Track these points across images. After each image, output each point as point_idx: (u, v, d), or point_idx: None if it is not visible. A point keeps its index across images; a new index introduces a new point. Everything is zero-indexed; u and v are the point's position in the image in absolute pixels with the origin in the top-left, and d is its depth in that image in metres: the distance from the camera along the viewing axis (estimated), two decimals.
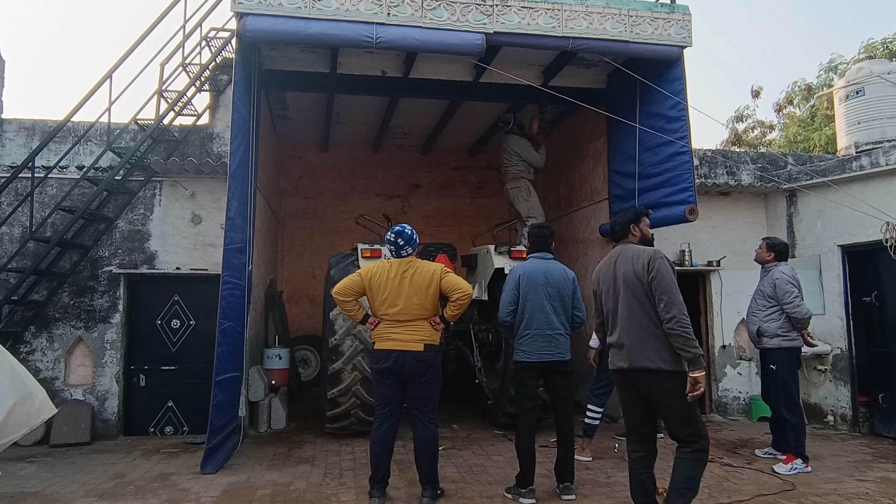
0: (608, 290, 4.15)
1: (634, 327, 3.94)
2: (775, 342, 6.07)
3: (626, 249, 4.16)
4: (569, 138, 9.94)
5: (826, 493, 5.21)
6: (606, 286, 4.16)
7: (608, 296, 4.15)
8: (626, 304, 3.99)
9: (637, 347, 3.92)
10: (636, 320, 3.94)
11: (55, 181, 7.37)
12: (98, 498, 5.07)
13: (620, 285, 4.04)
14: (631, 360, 3.96)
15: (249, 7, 6.06)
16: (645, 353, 3.89)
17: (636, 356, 3.93)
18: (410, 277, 4.76)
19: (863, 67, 8.88)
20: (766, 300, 6.20)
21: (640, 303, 3.94)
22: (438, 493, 4.94)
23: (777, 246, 6.40)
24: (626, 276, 4.00)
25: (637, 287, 3.94)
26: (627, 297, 3.99)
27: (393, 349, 4.73)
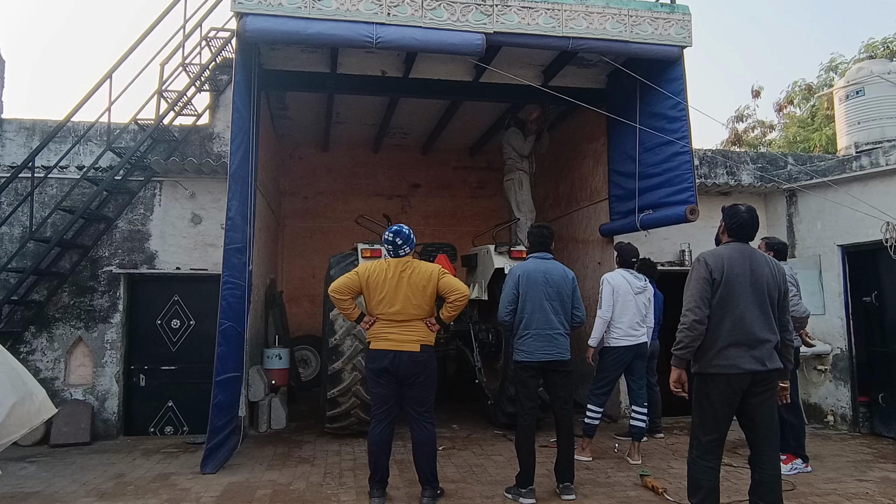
0: (742, 286, 3.93)
1: (769, 331, 3.95)
2: None
3: (757, 253, 4.10)
4: (569, 138, 9.94)
5: (826, 493, 5.21)
6: (740, 282, 3.93)
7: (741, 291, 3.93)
8: (762, 307, 3.95)
9: (773, 350, 3.96)
10: (772, 326, 3.97)
11: (55, 181, 7.37)
12: (98, 498, 5.07)
13: (761, 288, 3.96)
14: (766, 361, 3.91)
15: (249, 7, 6.06)
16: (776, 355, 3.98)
17: (774, 359, 3.95)
18: (408, 277, 4.76)
19: (863, 67, 8.88)
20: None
21: (772, 309, 3.99)
22: (438, 493, 4.94)
23: (776, 245, 6.39)
24: (768, 282, 3.98)
25: (773, 295, 4.00)
26: (764, 302, 3.96)
27: (389, 349, 4.74)
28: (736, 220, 4.10)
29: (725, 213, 4.21)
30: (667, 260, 8.40)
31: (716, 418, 3.95)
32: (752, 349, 3.87)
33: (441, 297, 4.83)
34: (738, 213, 4.12)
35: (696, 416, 4.04)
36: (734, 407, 3.95)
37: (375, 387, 4.88)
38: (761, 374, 3.88)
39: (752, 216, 4.10)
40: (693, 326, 3.91)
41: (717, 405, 3.93)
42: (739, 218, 4.10)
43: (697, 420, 4.03)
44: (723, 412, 3.95)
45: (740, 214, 4.10)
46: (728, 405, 3.94)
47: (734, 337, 3.88)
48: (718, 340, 3.90)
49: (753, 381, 3.89)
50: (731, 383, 3.89)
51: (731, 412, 3.97)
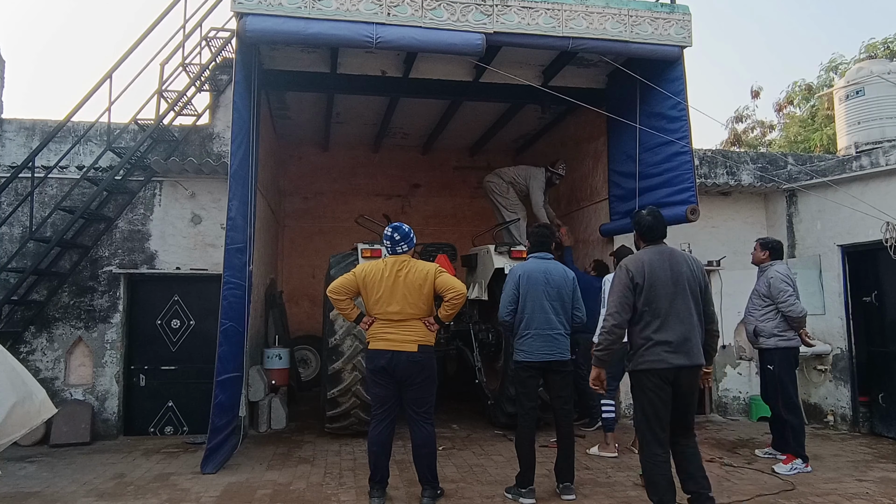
0: (665, 287, 4.12)
1: (697, 328, 4.17)
2: (772, 342, 6.07)
3: (675, 251, 4.33)
4: (569, 138, 9.94)
5: (826, 493, 5.21)
6: (662, 283, 4.13)
7: (664, 292, 4.12)
8: (685, 304, 4.14)
9: (696, 345, 4.15)
10: (696, 322, 4.17)
11: (55, 181, 7.37)
12: (98, 498, 5.07)
13: (684, 285, 4.16)
14: (691, 357, 4.11)
15: (249, 7, 6.06)
16: (699, 350, 4.17)
17: (696, 353, 4.14)
18: (405, 277, 4.75)
19: (863, 67, 8.88)
20: (761, 300, 6.20)
21: (696, 305, 4.20)
22: (438, 493, 4.94)
23: (771, 244, 6.42)
24: (689, 278, 4.19)
25: (696, 290, 4.20)
26: (686, 297, 4.16)
27: (387, 349, 4.73)
28: (643, 225, 4.38)
29: (633, 221, 4.52)
30: None
31: (655, 412, 4.13)
32: (679, 345, 4.08)
33: (439, 296, 4.83)
34: (642, 218, 4.40)
35: (639, 413, 4.23)
36: (668, 399, 4.12)
37: (375, 387, 4.88)
38: (687, 368, 4.11)
39: (655, 217, 4.37)
40: (612, 331, 4.16)
41: (653, 399, 4.12)
42: (645, 222, 4.37)
43: (640, 416, 4.21)
44: (660, 405, 4.12)
45: (644, 218, 4.39)
46: (662, 398, 4.12)
47: (661, 335, 4.09)
48: (648, 339, 4.12)
49: (681, 374, 4.10)
50: (662, 377, 4.10)
51: (667, 404, 4.13)
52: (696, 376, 4.20)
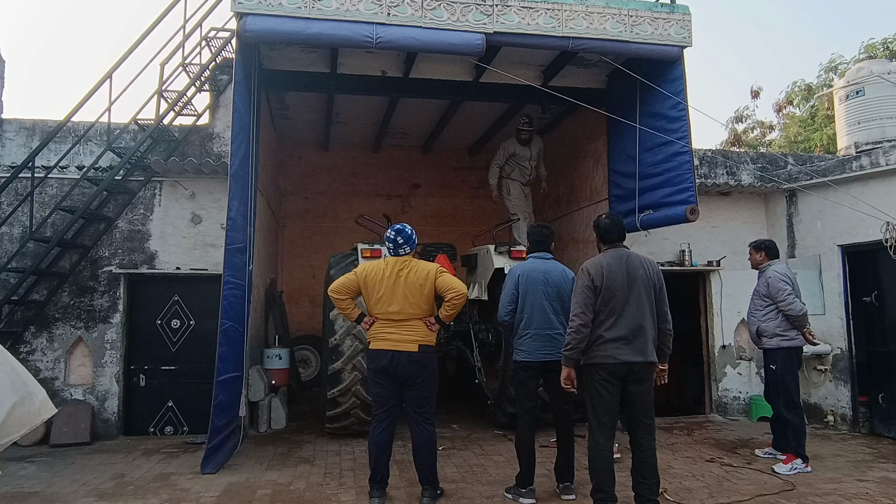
0: (621, 288, 4.37)
1: (649, 326, 4.40)
2: (774, 342, 6.07)
3: (632, 254, 4.56)
4: (569, 138, 9.94)
5: (826, 493, 5.21)
6: (618, 285, 4.38)
7: (619, 293, 4.37)
8: (639, 304, 4.38)
9: (649, 343, 4.39)
10: (649, 320, 4.41)
11: (55, 181, 7.37)
12: (98, 498, 5.07)
13: (639, 286, 4.40)
14: (644, 354, 4.36)
15: (249, 7, 6.06)
16: (652, 348, 4.42)
17: (648, 351, 4.38)
18: (405, 277, 4.75)
19: (863, 67, 8.88)
20: (762, 300, 6.21)
21: (650, 305, 4.43)
22: (438, 493, 4.94)
23: (764, 245, 6.46)
24: (643, 279, 4.43)
25: (650, 291, 4.45)
26: (641, 298, 4.40)
27: (387, 349, 4.74)
28: (601, 227, 4.65)
29: (593, 226, 4.75)
30: (667, 260, 8.40)
31: (603, 404, 4.40)
32: (630, 343, 4.33)
33: (440, 296, 4.83)
34: (600, 222, 4.67)
35: (588, 404, 4.48)
36: (616, 394, 4.39)
37: (375, 387, 4.88)
38: (638, 364, 4.35)
39: (612, 220, 4.66)
40: (579, 330, 4.38)
41: (602, 392, 4.38)
42: (602, 224, 4.65)
43: (589, 406, 4.47)
44: (609, 398, 4.39)
45: (602, 221, 4.67)
46: (610, 391, 4.38)
47: (615, 332, 4.34)
48: (602, 336, 4.37)
49: (632, 370, 4.34)
50: (612, 371, 4.35)
51: (615, 399, 4.40)
52: (649, 373, 4.43)
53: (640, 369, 4.36)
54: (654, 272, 4.51)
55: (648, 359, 4.38)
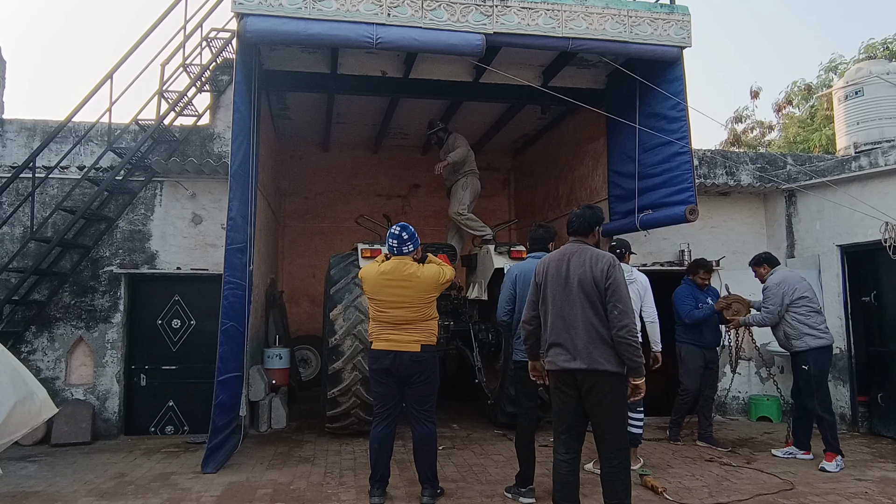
0: (557, 288, 4.06)
1: (587, 330, 3.94)
2: (804, 343, 6.12)
3: (582, 250, 4.12)
4: (568, 138, 9.95)
5: (825, 492, 5.23)
6: (555, 284, 4.08)
7: (555, 294, 4.06)
8: (579, 306, 3.97)
9: (590, 349, 3.91)
10: (589, 323, 3.94)
11: (56, 181, 7.38)
12: (99, 497, 5.08)
13: (574, 286, 4.00)
14: (584, 360, 3.91)
15: (250, 8, 6.07)
16: (597, 355, 3.91)
17: (590, 357, 3.90)
18: (408, 279, 4.77)
19: (862, 68, 8.89)
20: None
21: (592, 306, 3.96)
22: (438, 493, 4.95)
23: (762, 257, 6.64)
24: (583, 279, 3.99)
25: (592, 291, 3.96)
26: (581, 299, 3.98)
27: (390, 350, 4.76)
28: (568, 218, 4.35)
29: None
30: (666, 260, 8.42)
31: (556, 411, 4.14)
32: (567, 348, 3.96)
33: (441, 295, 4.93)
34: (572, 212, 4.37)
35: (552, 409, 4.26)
36: (568, 402, 4.03)
37: (377, 386, 4.91)
38: (582, 372, 3.92)
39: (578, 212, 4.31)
40: (523, 326, 4.34)
41: (554, 398, 4.14)
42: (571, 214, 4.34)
43: (552, 412, 4.25)
44: (560, 406, 4.09)
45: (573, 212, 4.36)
46: (561, 399, 4.07)
47: (553, 336, 4.06)
48: (546, 340, 4.13)
49: (578, 379, 3.95)
50: (559, 378, 4.07)
51: (568, 407, 4.05)
52: (600, 383, 3.90)
53: (584, 378, 3.92)
54: (600, 270, 3.94)
55: (592, 366, 3.87)
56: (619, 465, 3.93)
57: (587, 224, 4.26)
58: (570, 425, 4.08)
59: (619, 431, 3.97)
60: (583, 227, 4.24)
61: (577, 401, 4.00)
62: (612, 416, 3.94)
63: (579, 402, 4.00)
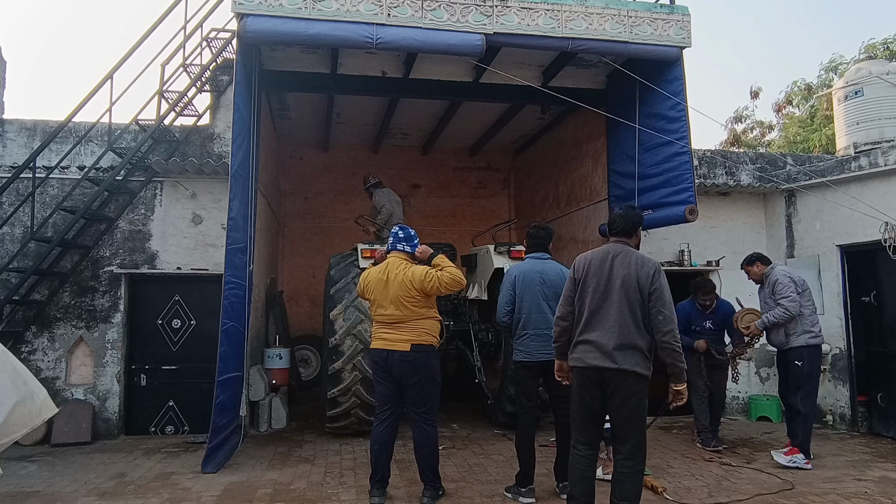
0: (597, 286, 4.05)
1: (622, 331, 3.95)
2: (803, 339, 6.11)
3: (626, 252, 4.12)
4: (568, 138, 9.96)
5: (825, 492, 5.23)
6: (597, 282, 4.06)
7: (595, 292, 4.05)
8: (617, 307, 3.98)
9: (622, 350, 3.93)
10: (624, 325, 3.95)
11: (56, 181, 7.39)
12: (99, 497, 5.09)
13: (616, 287, 4.00)
14: (615, 360, 3.92)
15: (250, 8, 6.08)
16: (628, 356, 3.93)
17: (622, 358, 3.92)
18: (395, 278, 4.80)
19: (862, 68, 8.89)
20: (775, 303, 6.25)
21: (630, 309, 3.97)
22: (439, 493, 4.96)
23: (754, 256, 6.61)
24: (626, 281, 3.99)
25: (634, 294, 3.98)
26: (620, 300, 3.99)
27: (382, 348, 4.81)
28: (610, 219, 4.37)
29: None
30: (666, 260, 8.42)
31: (577, 409, 4.12)
32: (600, 346, 3.95)
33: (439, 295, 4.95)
34: (613, 213, 4.37)
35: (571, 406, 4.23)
36: (591, 400, 4.03)
37: (378, 386, 4.96)
38: (611, 371, 3.92)
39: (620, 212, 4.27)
40: (557, 322, 4.24)
41: (576, 396, 4.12)
42: (613, 215, 4.32)
43: (571, 409, 4.22)
44: (582, 403, 4.08)
45: (614, 213, 4.35)
46: (584, 397, 4.05)
47: (585, 333, 4.04)
48: (576, 336, 4.11)
49: (605, 378, 3.95)
50: (583, 376, 4.04)
51: (589, 405, 4.05)
52: (626, 385, 3.91)
53: (612, 378, 3.92)
54: (645, 274, 3.97)
55: (622, 367, 3.89)
56: (634, 466, 3.95)
57: (631, 224, 4.24)
58: (591, 423, 4.13)
59: (638, 434, 3.99)
60: (627, 227, 4.23)
61: (601, 400, 4.02)
62: (634, 418, 3.97)
63: (602, 401, 4.02)
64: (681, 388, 3.99)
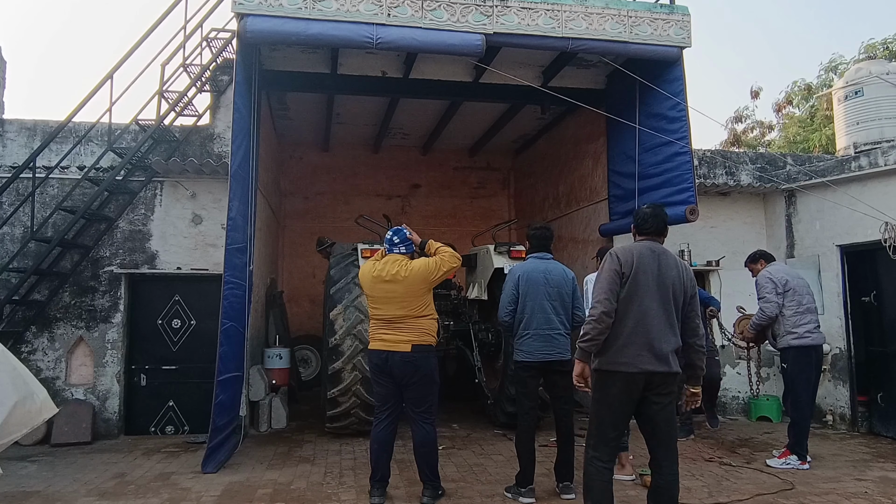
0: (648, 285, 3.85)
1: (668, 332, 3.85)
2: (785, 341, 6.08)
3: (668, 252, 4.02)
4: (568, 138, 9.96)
5: (825, 492, 5.23)
6: (647, 281, 3.86)
7: (646, 291, 3.84)
8: (664, 308, 3.86)
9: (671, 352, 3.84)
10: (669, 325, 3.86)
11: (56, 181, 7.39)
12: (99, 497, 5.08)
13: (668, 288, 3.88)
14: (667, 363, 3.81)
15: (250, 8, 6.08)
16: (673, 357, 3.86)
17: (675, 362, 3.85)
18: (395, 276, 4.80)
19: (861, 68, 8.89)
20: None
21: (675, 310, 3.90)
22: (439, 493, 4.96)
23: (757, 253, 6.62)
24: (674, 283, 3.89)
25: (678, 296, 3.90)
26: (668, 302, 3.87)
27: (382, 349, 4.79)
28: (639, 217, 4.11)
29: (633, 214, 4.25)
30: None
31: (613, 417, 3.87)
32: (652, 349, 3.77)
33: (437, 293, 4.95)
34: (641, 211, 4.13)
35: (595, 415, 3.94)
36: (632, 407, 3.85)
37: (376, 386, 4.95)
38: (660, 375, 3.78)
39: (653, 210, 4.09)
40: (601, 319, 3.80)
41: (615, 404, 3.84)
42: (643, 214, 4.09)
43: (595, 419, 3.92)
44: (621, 411, 3.87)
45: (643, 211, 4.12)
46: (626, 404, 3.84)
47: (636, 335, 3.79)
48: (620, 337, 3.80)
49: (653, 382, 3.78)
50: (630, 382, 3.79)
51: (629, 412, 3.89)
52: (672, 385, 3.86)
53: (662, 381, 3.80)
54: (689, 278, 3.95)
55: (673, 370, 3.81)
56: (677, 470, 3.85)
57: (663, 223, 4.10)
58: (622, 433, 4.01)
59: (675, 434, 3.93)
60: (659, 226, 4.07)
61: (634, 406, 3.86)
62: (673, 419, 3.90)
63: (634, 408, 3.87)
64: (697, 391, 4.00)
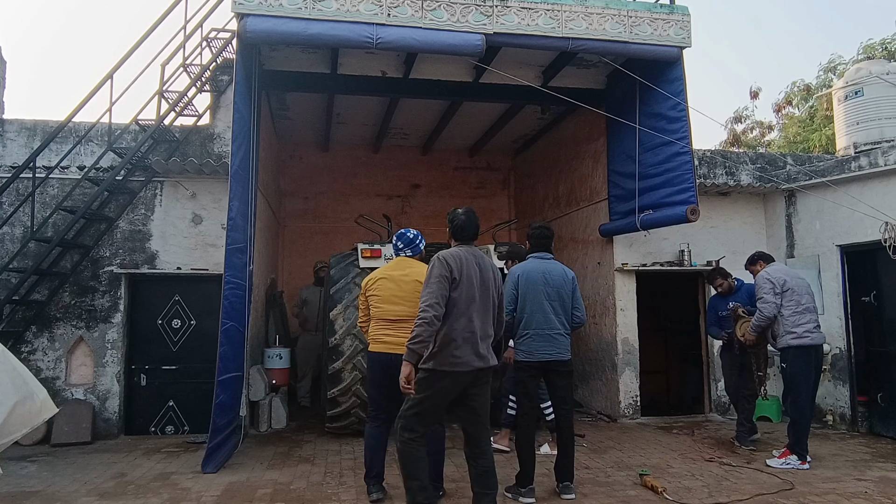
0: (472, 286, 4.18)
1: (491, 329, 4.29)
2: (784, 341, 6.07)
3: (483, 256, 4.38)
4: (568, 138, 9.96)
5: (825, 492, 5.23)
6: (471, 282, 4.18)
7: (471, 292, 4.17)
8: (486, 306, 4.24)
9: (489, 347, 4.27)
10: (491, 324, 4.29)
11: (56, 181, 7.38)
12: (99, 497, 5.08)
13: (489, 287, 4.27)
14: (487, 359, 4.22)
15: (250, 8, 6.08)
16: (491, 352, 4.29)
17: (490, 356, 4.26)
18: (401, 278, 4.84)
19: (861, 68, 8.89)
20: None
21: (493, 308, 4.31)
22: (439, 493, 4.96)
23: (756, 255, 6.62)
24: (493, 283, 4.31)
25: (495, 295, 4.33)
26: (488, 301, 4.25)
27: (385, 352, 4.80)
28: (456, 223, 4.36)
29: (448, 218, 4.46)
30: (666, 260, 8.42)
31: (436, 411, 4.25)
32: (477, 347, 4.12)
33: None
34: (456, 216, 4.36)
35: (416, 407, 4.17)
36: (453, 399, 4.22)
37: (373, 389, 4.98)
38: (484, 370, 4.18)
39: (468, 217, 4.36)
40: (432, 322, 4.00)
41: (444, 399, 4.19)
42: (458, 220, 4.34)
43: (417, 410, 4.17)
44: (445, 403, 4.24)
45: (458, 217, 4.36)
46: (451, 397, 4.20)
47: (466, 335, 4.08)
48: (452, 338, 4.06)
49: (478, 376, 4.17)
50: (462, 380, 4.12)
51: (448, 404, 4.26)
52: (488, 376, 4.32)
53: (484, 375, 4.25)
54: (497, 275, 4.37)
55: (491, 363, 4.25)
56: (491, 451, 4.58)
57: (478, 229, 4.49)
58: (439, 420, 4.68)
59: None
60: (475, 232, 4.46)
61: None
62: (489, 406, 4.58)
63: None
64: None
